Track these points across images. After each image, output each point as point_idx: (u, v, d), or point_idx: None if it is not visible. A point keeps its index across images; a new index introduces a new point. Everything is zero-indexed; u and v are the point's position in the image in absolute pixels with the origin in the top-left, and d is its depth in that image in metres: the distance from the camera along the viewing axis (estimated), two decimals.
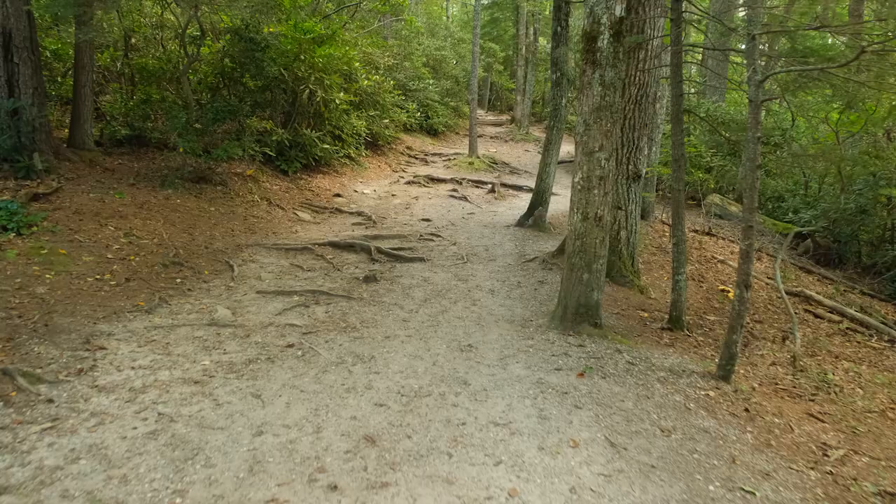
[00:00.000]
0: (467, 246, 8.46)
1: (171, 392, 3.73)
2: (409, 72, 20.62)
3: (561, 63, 9.32)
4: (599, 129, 4.75)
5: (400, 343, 4.78)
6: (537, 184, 9.74)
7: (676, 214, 5.65)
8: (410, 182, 13.57)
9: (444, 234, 9.12)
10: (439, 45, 23.95)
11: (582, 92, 4.85)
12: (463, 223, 10.01)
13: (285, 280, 6.46)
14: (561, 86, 9.35)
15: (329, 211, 10.33)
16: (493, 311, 5.68)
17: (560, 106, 9.38)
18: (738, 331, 4.20)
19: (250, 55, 10.02)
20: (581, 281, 4.94)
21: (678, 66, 5.48)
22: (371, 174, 14.52)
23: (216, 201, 9.00)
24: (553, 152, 9.55)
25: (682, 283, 5.59)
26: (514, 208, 11.63)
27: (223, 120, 9.71)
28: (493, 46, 29.97)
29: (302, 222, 9.42)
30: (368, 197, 11.97)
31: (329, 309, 5.61)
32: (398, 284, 6.54)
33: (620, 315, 5.86)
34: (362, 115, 15.16)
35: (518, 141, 23.72)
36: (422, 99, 20.90)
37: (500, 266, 7.45)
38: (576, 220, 4.93)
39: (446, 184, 13.68)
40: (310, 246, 7.78)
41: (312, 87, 11.56)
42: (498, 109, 35.47)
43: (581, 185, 4.87)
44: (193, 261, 6.67)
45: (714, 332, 5.95)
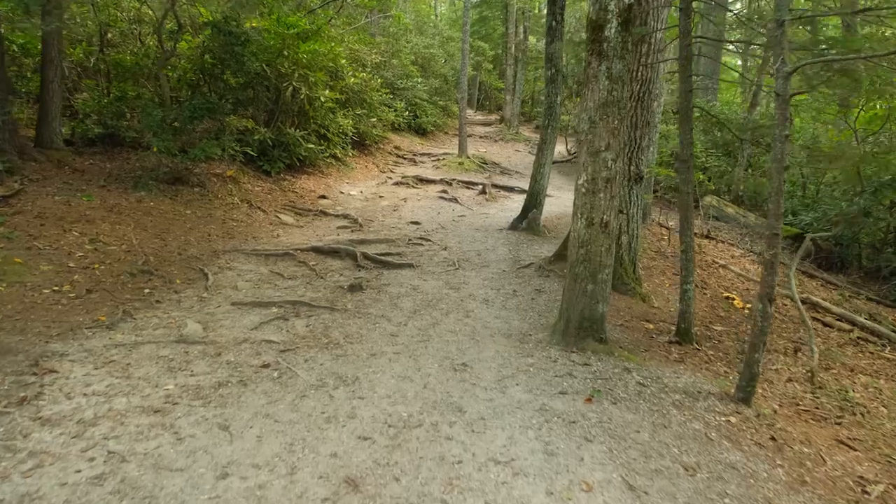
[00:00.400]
0: (459, 251, 8.04)
1: (126, 424, 3.27)
2: (398, 70, 20.17)
3: (556, 59, 8.92)
4: (606, 126, 4.35)
5: (387, 361, 4.35)
6: (531, 185, 9.34)
7: (684, 220, 5.26)
8: (398, 183, 13.13)
9: (434, 238, 8.70)
10: (428, 43, 23.52)
11: (587, 86, 4.45)
12: (453, 226, 9.58)
13: (264, 289, 6.00)
14: (556, 83, 8.95)
15: (313, 213, 9.87)
16: (489, 324, 5.26)
17: (555, 104, 8.99)
18: (760, 349, 3.81)
19: (230, 50, 9.53)
20: (585, 292, 4.53)
21: (687, 59, 5.10)
22: (358, 175, 14.05)
23: (193, 204, 8.51)
24: (548, 152, 9.15)
25: (690, 294, 5.20)
26: (506, 210, 11.22)
27: (201, 118, 9.21)
28: (482, 45, 29.58)
29: (284, 226, 8.95)
30: (355, 199, 11.51)
31: (310, 322, 5.16)
32: (385, 294, 6.10)
33: (624, 327, 5.46)
34: (349, 113, 14.70)
35: (508, 141, 23.35)
36: (410, 98, 20.46)
37: (494, 273, 7.03)
38: (579, 226, 4.52)
39: (436, 185, 13.25)
40: (291, 251, 7.32)
41: (296, 84, 11.09)
42: (487, 109, 35.10)
43: (585, 188, 4.46)
44: (165, 269, 6.19)
45: (724, 345, 5.57)
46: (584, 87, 4.50)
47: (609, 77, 4.29)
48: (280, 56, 11.16)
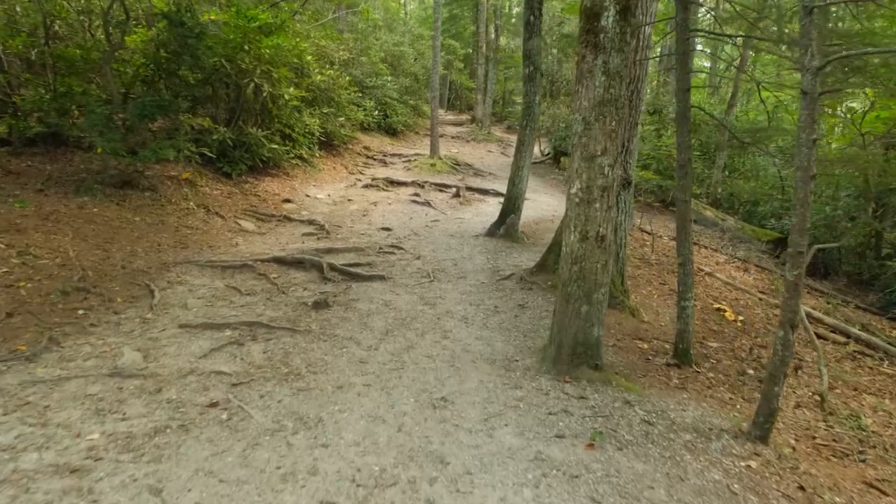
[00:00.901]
0: (433, 260, 7.50)
1: (31, 491, 2.66)
2: (367, 68, 19.54)
3: (534, 56, 8.45)
4: (602, 128, 3.86)
5: (356, 396, 3.79)
6: (509, 189, 8.85)
7: (682, 230, 4.82)
8: (368, 185, 12.53)
9: (406, 245, 8.14)
10: (398, 41, 22.93)
11: (579, 83, 3.95)
12: (427, 232, 9.04)
13: (217, 308, 5.37)
14: (534, 81, 8.47)
15: (276, 219, 9.22)
16: (470, 347, 4.73)
17: (533, 103, 8.51)
18: (779, 381, 3.36)
19: (184, 43, 8.82)
20: (579, 314, 4.04)
21: (686, 54, 4.65)
22: (325, 177, 13.40)
23: (143, 210, 7.80)
24: (526, 155, 8.68)
25: (689, 311, 4.76)
26: (481, 214, 10.72)
27: (152, 116, 8.50)
28: (453, 43, 29.10)
29: (244, 233, 8.29)
30: (322, 203, 10.88)
31: (268, 347, 4.57)
32: (354, 311, 5.53)
33: (618, 348, 4.99)
34: (315, 112, 14.05)
35: (480, 141, 22.90)
36: (380, 97, 19.85)
37: (473, 285, 6.51)
38: (573, 240, 4.03)
39: (407, 187, 12.69)
40: (251, 262, 6.68)
41: (258, 80, 10.41)
42: (458, 109, 34.64)
43: (579, 198, 3.96)
44: (105, 285, 5.51)
45: (723, 365, 5.15)
46: (577, 83, 4.01)
47: (606, 72, 3.80)
48: (241, 51, 10.47)
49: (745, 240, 11.04)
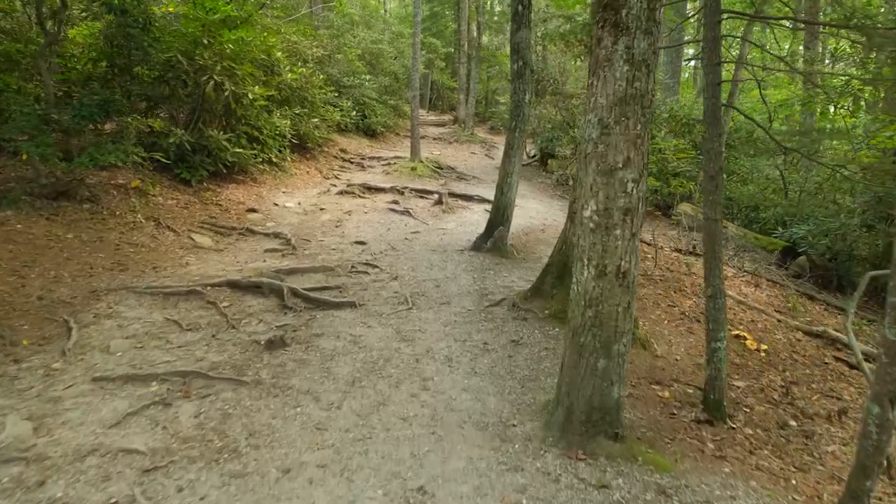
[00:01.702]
0: (412, 281, 6.60)
1: None
2: (343, 66, 18.58)
3: (523, 49, 7.59)
4: (625, 132, 2.99)
5: (306, 485, 2.88)
6: (497, 198, 7.98)
7: (712, 255, 3.97)
8: (343, 192, 11.58)
9: (382, 262, 7.22)
10: (376, 38, 21.97)
11: (595, 75, 3.08)
12: (406, 246, 8.12)
13: (148, 351, 4.42)
14: (523, 77, 7.61)
15: (238, 232, 8.24)
16: (455, 403, 3.84)
17: (523, 102, 7.64)
18: (872, 475, 2.51)
19: (126, 34, 7.84)
20: (594, 371, 3.17)
21: (715, 41, 3.80)
22: (297, 182, 12.44)
23: (78, 225, 6.80)
24: (515, 160, 7.81)
25: (721, 354, 3.91)
26: (465, 224, 9.84)
27: (92, 118, 7.49)
28: (434, 42, 28.22)
29: (198, 250, 7.32)
30: (291, 212, 9.92)
31: (202, 408, 3.64)
32: (316, 351, 4.61)
33: (634, 398, 4.12)
34: (287, 113, 13.08)
35: (463, 142, 22.04)
36: (358, 96, 18.90)
37: (457, 313, 5.61)
38: (586, 276, 3.15)
39: (385, 194, 11.76)
40: (199, 288, 5.73)
41: (218, 77, 9.41)
42: (440, 109, 33.77)
43: (595, 223, 3.09)
44: (11, 322, 4.53)
45: (758, 414, 4.31)
46: (590, 76, 3.14)
47: (629, 60, 2.93)
48: (199, 45, 9.50)
49: (748, 249, 10.28)
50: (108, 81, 9.30)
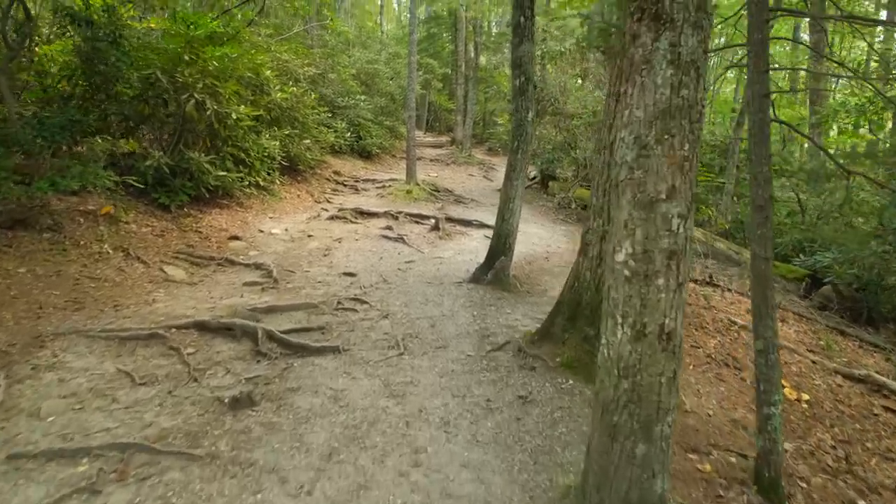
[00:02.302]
0: (405, 319, 5.91)
1: None
2: (338, 86, 18.08)
3: (525, 64, 6.99)
4: (669, 154, 2.33)
5: None
6: (498, 225, 7.32)
7: (762, 300, 3.30)
8: (334, 217, 10.93)
9: (372, 297, 6.54)
10: (372, 58, 21.52)
11: (629, 81, 2.42)
12: (399, 278, 7.44)
13: (87, 414, 3.71)
14: (526, 94, 7.01)
15: (216, 263, 7.56)
16: (453, 487, 3.12)
17: (525, 120, 7.03)
18: None
19: (94, 49, 7.24)
20: (632, 459, 2.47)
21: (762, 45, 3.17)
22: (286, 206, 11.79)
23: (34, 257, 6.12)
24: (518, 183, 7.17)
25: (776, 422, 3.22)
26: (464, 252, 9.17)
27: (54, 139, 6.87)
28: (431, 62, 27.86)
29: (170, 283, 6.63)
30: (277, 239, 9.25)
31: (140, 496, 2.93)
32: (289, 411, 3.91)
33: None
34: (277, 134, 12.50)
35: (460, 164, 21.50)
36: (352, 117, 18.38)
37: (455, 360, 4.92)
38: (620, 338, 2.46)
39: (379, 219, 11.11)
40: (162, 331, 5.03)
41: (199, 96, 8.81)
42: (437, 130, 33.36)
43: (631, 270, 2.41)
44: None
45: (817, 488, 3.60)
46: (623, 83, 2.48)
47: (675, 62, 2.28)
48: (181, 62, 8.92)
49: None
50: (85, 100, 8.72)
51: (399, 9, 45.74)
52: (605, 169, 4.73)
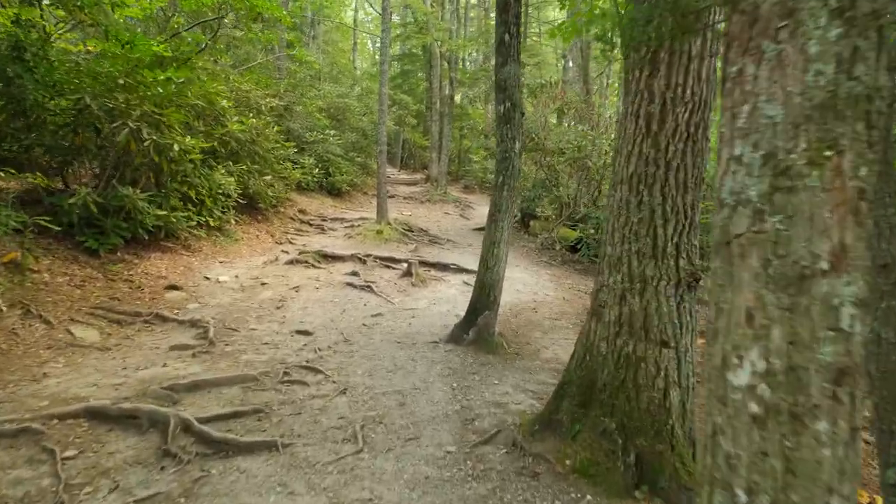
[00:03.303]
0: (367, 395, 4.71)
1: None
2: (305, 120, 17.08)
3: (510, 88, 6.01)
4: (833, 184, 1.24)
5: None
6: (481, 273, 6.21)
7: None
8: (294, 261, 9.73)
9: (328, 364, 5.34)
10: (343, 93, 20.62)
11: (747, 53, 1.34)
12: (363, 337, 6.26)
13: None
14: (512, 122, 6.01)
15: (143, 320, 6.30)
16: None
17: (512, 152, 6.01)
18: None
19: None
20: None
21: None
22: (242, 249, 10.57)
23: None
24: (504, 225, 6.10)
25: None
26: (440, 302, 8.03)
27: None
28: (404, 98, 27.12)
29: (75, 349, 5.34)
30: (225, 288, 8.01)
31: None
32: None
33: None
34: (234, 169, 11.37)
35: (436, 202, 20.52)
36: (321, 153, 17.34)
37: (431, 460, 3.72)
38: None
39: (345, 263, 9.94)
40: (38, 424, 3.77)
41: (134, 124, 7.65)
42: (411, 168, 32.53)
43: (762, 405, 1.28)
44: None
45: None
46: (735, 55, 1.40)
47: (844, 14, 1.22)
48: (116, 87, 7.80)
49: None
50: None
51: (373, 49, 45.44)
52: (622, 209, 3.68)
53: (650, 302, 3.52)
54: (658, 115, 3.54)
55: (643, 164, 3.59)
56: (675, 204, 3.53)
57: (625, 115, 3.77)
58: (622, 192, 3.70)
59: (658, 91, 3.53)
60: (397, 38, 32.90)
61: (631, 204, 3.63)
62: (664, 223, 3.52)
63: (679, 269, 3.52)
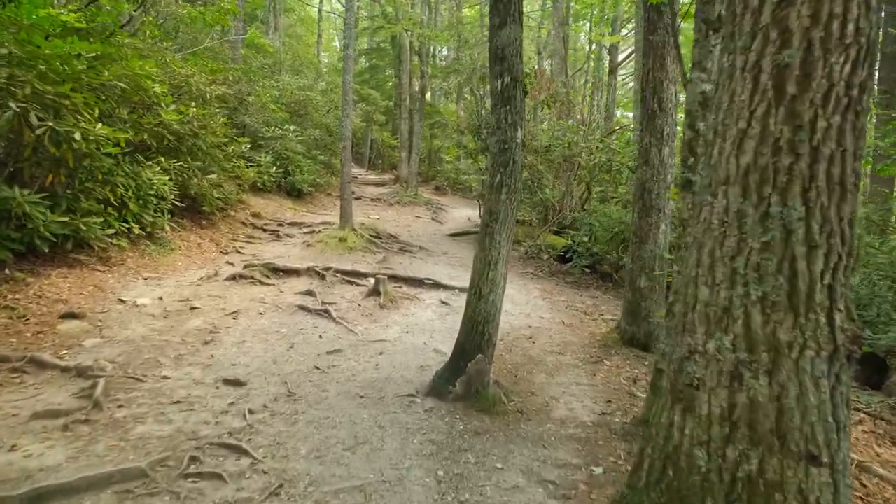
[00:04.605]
0: (310, 496, 3.16)
1: None
2: (260, 114, 15.38)
3: (510, 57, 4.53)
4: None
5: None
6: (472, 303, 4.67)
7: None
8: (238, 276, 8.07)
9: (260, 438, 3.76)
10: (305, 85, 18.90)
11: None
12: (314, 389, 4.68)
13: None
14: (513, 101, 4.52)
15: (10, 367, 4.61)
16: None
17: (512, 141, 4.52)
18: None
19: None
20: None
21: None
22: (177, 261, 8.88)
23: None
24: (502, 238, 4.59)
25: None
26: (414, 330, 6.50)
27: None
28: (372, 93, 25.51)
29: None
30: (142, 314, 6.33)
31: None
32: None
33: None
34: (171, 165, 9.67)
35: (406, 204, 18.99)
36: (279, 150, 15.66)
37: None
38: None
39: (299, 278, 8.33)
40: None
41: (18, 106, 5.94)
42: (380, 168, 30.94)
43: None
44: None
45: None
46: None
47: None
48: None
49: None
50: None
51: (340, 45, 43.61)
52: (728, 226, 2.22)
53: (787, 386, 2.06)
54: (799, 70, 2.08)
55: (770, 152, 2.13)
56: (827, 218, 2.08)
57: (727, 76, 2.30)
58: (728, 198, 2.23)
59: (798, 28, 2.08)
60: (365, 32, 31.27)
61: (747, 218, 2.18)
62: (809, 251, 2.07)
63: (834, 329, 2.06)
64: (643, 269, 6.03)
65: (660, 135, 5.94)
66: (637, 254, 6.08)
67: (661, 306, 6.09)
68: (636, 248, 6.10)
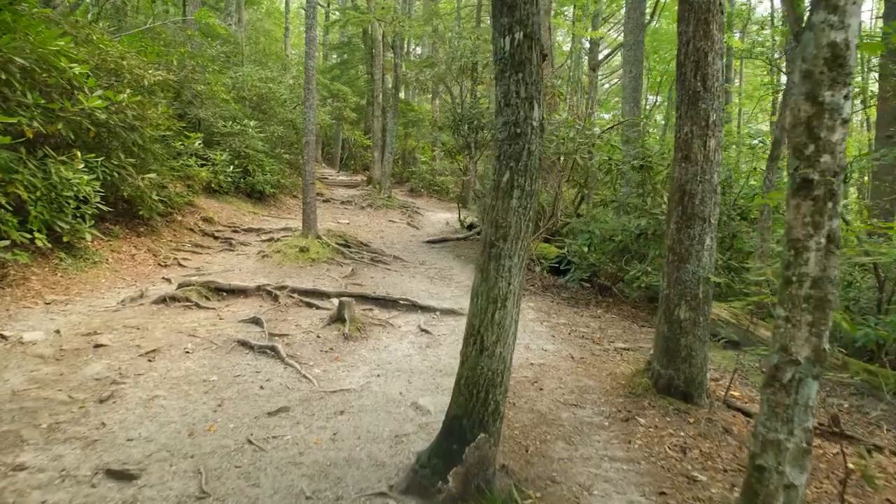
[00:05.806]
0: None
1: None
2: (218, 108, 13.77)
3: (523, 5, 3.13)
4: None
5: None
6: (471, 359, 3.23)
7: None
8: (169, 299, 6.53)
9: None
10: (267, 77, 17.29)
11: None
12: (241, 484, 3.22)
13: None
14: (527, 67, 3.14)
15: None
16: None
17: (528, 124, 3.14)
18: None
19: None
20: None
21: None
22: (100, 277, 7.31)
23: None
24: (513, 262, 3.18)
25: None
26: (387, 374, 5.06)
27: None
28: (342, 88, 23.96)
29: None
30: (27, 356, 4.78)
31: None
32: None
33: None
34: (97, 162, 8.09)
35: (378, 207, 17.53)
36: (238, 147, 14.05)
37: None
38: None
39: (247, 299, 6.82)
40: None
41: None
42: (352, 169, 29.31)
43: None
44: None
45: None
46: None
47: None
48: None
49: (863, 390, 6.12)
50: None
51: None
52: None
53: None
54: None
55: None
56: None
57: None
58: None
59: None
60: (336, 24, 29.71)
61: None
62: None
63: None
64: (683, 297, 4.66)
65: (704, 122, 4.61)
66: (675, 276, 4.71)
67: (706, 344, 4.75)
68: (673, 268, 4.74)
